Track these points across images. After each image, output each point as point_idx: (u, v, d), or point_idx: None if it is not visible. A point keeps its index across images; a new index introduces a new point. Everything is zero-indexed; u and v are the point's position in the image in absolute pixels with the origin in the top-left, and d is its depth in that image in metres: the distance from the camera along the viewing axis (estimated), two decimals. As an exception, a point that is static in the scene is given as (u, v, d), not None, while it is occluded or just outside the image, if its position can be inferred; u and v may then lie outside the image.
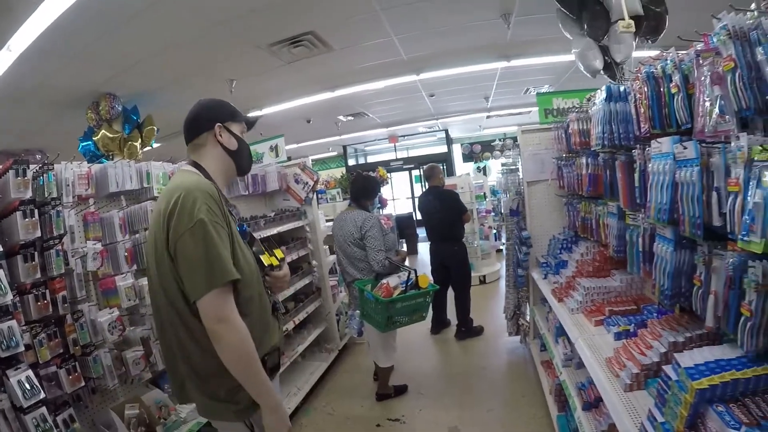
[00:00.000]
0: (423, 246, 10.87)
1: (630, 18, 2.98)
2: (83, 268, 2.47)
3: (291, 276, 2.05)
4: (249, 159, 1.97)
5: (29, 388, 1.97)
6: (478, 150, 15.23)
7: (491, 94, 9.21)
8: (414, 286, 3.41)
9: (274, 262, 1.93)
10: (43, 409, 2.00)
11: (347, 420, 3.97)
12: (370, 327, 3.83)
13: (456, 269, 5.55)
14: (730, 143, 1.33)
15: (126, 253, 2.72)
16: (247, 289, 1.68)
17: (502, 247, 8.39)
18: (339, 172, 14.48)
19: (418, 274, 3.45)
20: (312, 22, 4.72)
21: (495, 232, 9.17)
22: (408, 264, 3.98)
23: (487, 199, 9.24)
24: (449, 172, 14.88)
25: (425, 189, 5.98)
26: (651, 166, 1.78)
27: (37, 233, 2.18)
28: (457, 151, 16.05)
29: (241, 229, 1.82)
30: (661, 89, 1.78)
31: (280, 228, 4.41)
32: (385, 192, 11.28)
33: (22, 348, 2.01)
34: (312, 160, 5.42)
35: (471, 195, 8.23)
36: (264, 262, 1.88)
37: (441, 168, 5.92)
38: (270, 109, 7.75)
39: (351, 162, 16.65)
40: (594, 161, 2.79)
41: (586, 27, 3.49)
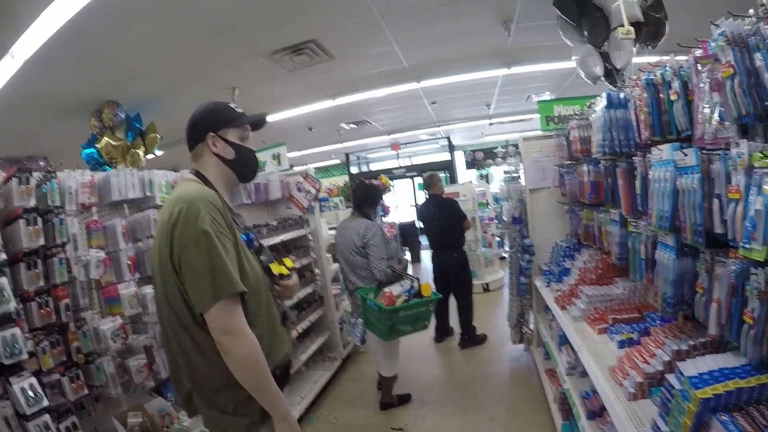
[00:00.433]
0: (426, 253, 10.85)
1: (630, 24, 2.99)
2: (86, 276, 2.49)
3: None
4: (250, 166, 1.89)
5: (32, 395, 1.98)
6: (480, 157, 15.23)
7: (493, 101, 9.21)
8: (417, 294, 3.40)
9: (284, 271, 1.89)
10: (47, 417, 2.02)
11: (350, 429, 3.96)
12: (373, 336, 3.82)
13: (456, 277, 5.54)
14: (730, 150, 1.32)
15: (129, 262, 2.74)
16: (255, 300, 1.65)
17: (505, 255, 8.38)
18: (341, 180, 14.48)
19: (420, 282, 3.44)
20: (313, 30, 4.73)
21: (498, 239, 9.15)
22: (411, 271, 3.99)
23: (490, 207, 9.22)
24: (452, 179, 14.88)
25: (425, 197, 5.99)
26: (652, 173, 1.78)
27: (41, 241, 2.20)
28: (460, 159, 16.05)
29: (247, 238, 1.79)
30: (661, 96, 1.78)
31: (282, 236, 4.41)
32: (388, 200, 11.27)
33: (25, 355, 2.02)
34: (314, 168, 5.44)
35: (474, 203, 8.22)
36: (274, 271, 1.85)
37: (440, 176, 5.93)
38: (272, 117, 7.75)
39: (353, 170, 16.66)
40: (595, 168, 2.78)
41: (586, 34, 3.50)
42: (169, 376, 1.81)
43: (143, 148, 5.98)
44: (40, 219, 2.21)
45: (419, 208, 6.11)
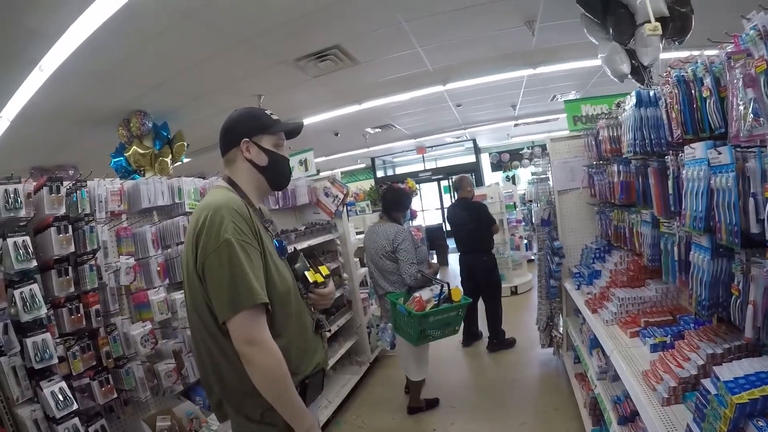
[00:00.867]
0: (453, 257, 10.79)
1: (656, 20, 2.92)
2: (116, 282, 2.54)
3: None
4: (284, 173, 1.86)
5: (62, 399, 2.02)
6: (506, 159, 15.10)
7: (518, 102, 9.14)
8: (447, 299, 3.38)
9: (318, 278, 1.86)
10: (76, 420, 2.05)
11: (378, 433, 3.95)
12: (401, 340, 3.81)
13: (485, 280, 5.50)
14: (766, 147, 1.28)
15: (158, 268, 2.78)
16: (284, 309, 1.63)
17: (533, 258, 8.28)
18: (368, 184, 14.53)
19: (450, 287, 3.42)
20: (337, 36, 4.77)
21: (526, 242, 9.05)
22: (438, 275, 3.96)
23: (518, 209, 9.13)
24: (478, 182, 14.77)
25: (454, 200, 5.96)
26: (685, 172, 1.74)
27: (71, 248, 2.25)
28: (486, 161, 15.93)
29: (279, 246, 1.77)
30: (693, 93, 1.74)
31: (311, 241, 4.45)
32: (414, 203, 11.26)
33: (55, 360, 2.07)
34: (341, 172, 5.46)
35: (501, 205, 8.15)
36: (309, 278, 1.82)
37: (470, 179, 5.88)
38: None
39: (379, 174, 16.69)
40: (626, 168, 2.74)
41: (611, 31, 3.44)
42: (201, 381, 1.83)
43: (171, 156, 6.10)
44: (70, 227, 2.26)
45: (448, 210, 6.08)
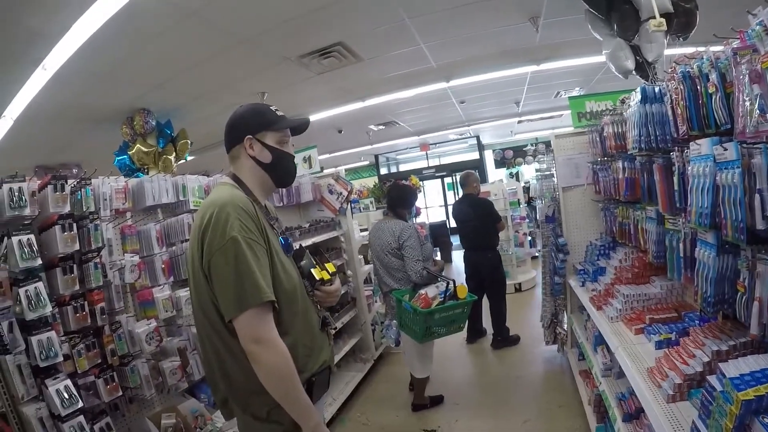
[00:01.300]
0: (457, 254, 10.79)
1: (660, 15, 2.91)
2: (121, 280, 2.54)
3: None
4: (288, 171, 1.85)
5: (67, 397, 2.02)
6: (510, 156, 15.08)
7: (522, 98, 9.12)
8: (452, 296, 3.38)
9: (325, 276, 1.86)
10: (81, 418, 2.06)
11: (382, 430, 3.96)
12: (406, 337, 3.81)
13: (490, 277, 5.50)
14: (772, 143, 1.28)
15: (163, 265, 2.79)
16: (289, 307, 1.63)
17: (537, 254, 8.27)
18: (371, 181, 14.54)
19: (456, 284, 3.42)
20: (340, 33, 4.76)
21: (530, 239, 9.03)
22: (443, 273, 3.96)
23: (521, 206, 9.11)
24: (481, 178, 14.75)
25: (459, 196, 5.95)
26: (690, 168, 1.73)
27: (76, 246, 2.25)
28: (489, 158, 15.92)
29: (285, 243, 1.77)
30: (698, 89, 1.72)
31: (315, 239, 4.45)
32: (418, 200, 11.27)
33: (60, 358, 2.07)
34: (344, 169, 5.46)
35: (505, 202, 8.14)
36: (316, 276, 1.82)
37: (476, 175, 5.87)
38: (301, 120, 7.83)
39: (383, 171, 16.71)
40: (631, 165, 2.73)
41: (615, 27, 3.43)
42: (206, 379, 1.83)
43: (174, 153, 6.12)
44: (75, 225, 2.26)
45: (453, 207, 6.07)
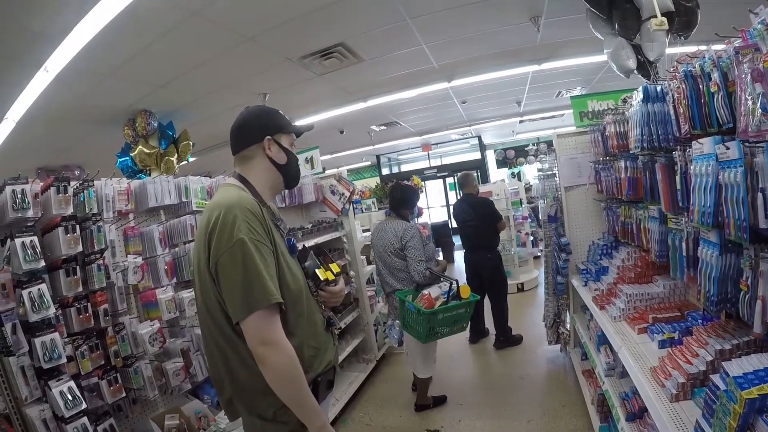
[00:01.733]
0: (459, 254, 10.79)
1: (662, 14, 2.91)
2: (124, 281, 2.55)
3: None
4: (297, 173, 1.91)
5: (71, 398, 2.03)
6: (511, 156, 15.07)
7: (523, 98, 9.12)
8: (455, 296, 3.38)
9: (329, 276, 1.86)
10: (85, 419, 2.06)
11: (385, 431, 3.96)
12: (409, 337, 3.81)
13: (490, 278, 5.49)
14: (774, 142, 1.28)
15: (166, 267, 2.79)
16: (295, 308, 1.63)
17: (539, 254, 8.26)
18: (373, 181, 14.55)
19: (459, 284, 3.42)
20: (342, 33, 4.77)
21: (532, 238, 9.03)
22: (446, 273, 3.96)
23: (524, 206, 9.12)
24: (483, 178, 14.77)
25: (460, 197, 5.95)
26: (693, 167, 1.73)
27: (79, 248, 2.26)
28: (491, 158, 15.91)
29: (289, 244, 1.77)
30: (700, 88, 1.72)
31: (317, 239, 4.46)
32: (420, 201, 11.28)
33: (64, 360, 2.08)
34: (346, 170, 5.46)
35: (507, 202, 8.14)
36: (320, 276, 1.83)
37: (474, 175, 5.86)
38: (303, 121, 7.84)
39: (385, 171, 16.71)
40: (633, 164, 2.73)
41: (617, 26, 3.43)
42: (211, 380, 1.83)
43: (176, 155, 6.12)
44: (78, 227, 2.27)
45: (454, 207, 6.07)
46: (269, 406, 1.59)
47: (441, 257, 9.71)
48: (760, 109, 1.31)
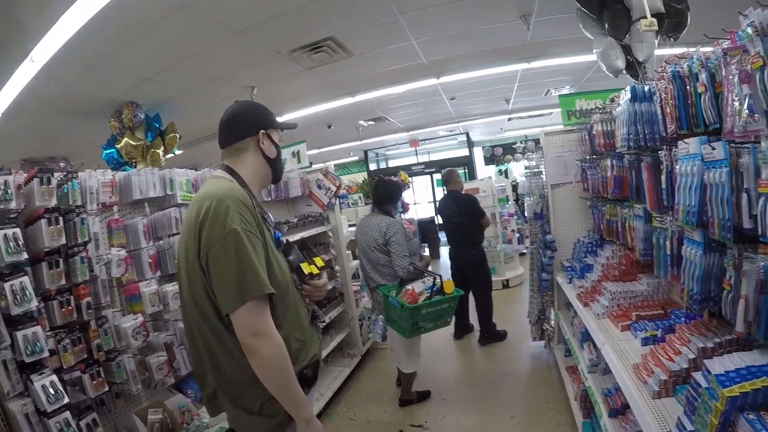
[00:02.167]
0: (445, 250, 10.83)
1: (652, 16, 2.93)
2: (107, 274, 2.51)
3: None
4: (282, 168, 1.96)
5: (53, 392, 2.00)
6: (499, 153, 15.15)
7: (512, 96, 9.15)
8: (439, 291, 3.39)
9: (314, 270, 1.88)
10: (67, 414, 2.03)
11: (369, 425, 3.97)
12: (393, 332, 3.81)
13: (474, 274, 5.52)
14: (760, 143, 1.29)
15: (150, 260, 2.76)
16: (282, 300, 1.63)
17: (525, 251, 8.30)
18: (361, 176, 14.51)
19: (442, 279, 3.43)
20: (331, 28, 4.74)
21: (518, 235, 9.08)
22: (430, 268, 3.97)
23: (510, 203, 9.16)
24: (471, 175, 14.82)
25: (444, 193, 5.96)
26: (678, 167, 1.74)
27: (62, 240, 2.22)
28: (479, 155, 15.97)
29: (276, 237, 1.78)
30: (688, 88, 1.74)
31: (303, 233, 4.44)
32: (407, 196, 11.26)
33: (46, 353, 2.04)
34: (333, 165, 5.44)
35: (493, 198, 8.17)
36: (305, 270, 1.83)
37: (459, 172, 5.87)
38: (291, 115, 7.80)
39: (372, 166, 16.68)
40: (619, 163, 2.75)
41: (607, 26, 3.45)
42: (193, 374, 1.82)
43: (163, 147, 6.06)
44: (61, 219, 2.23)
45: (439, 203, 6.09)
46: (256, 398, 1.58)
47: (427, 253, 9.75)
48: (746, 110, 1.32)
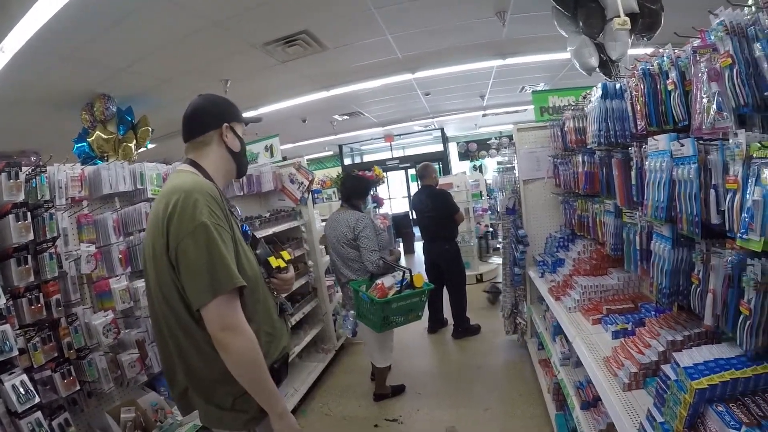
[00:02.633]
0: (419, 245, 10.86)
1: (625, 15, 2.97)
2: (77, 270, 2.45)
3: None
4: (247, 162, 1.93)
5: (24, 392, 1.95)
6: (474, 148, 15.24)
7: (487, 92, 9.20)
8: (409, 285, 3.40)
9: (281, 264, 1.88)
10: (39, 414, 1.99)
11: (344, 420, 3.96)
12: (365, 327, 3.81)
13: (448, 268, 5.55)
14: (728, 140, 1.31)
15: (120, 255, 2.70)
16: (252, 294, 1.62)
17: (498, 246, 8.39)
18: (335, 171, 14.44)
19: (413, 273, 3.44)
20: (306, 21, 4.69)
21: (491, 230, 9.16)
22: (404, 263, 3.98)
23: (484, 198, 9.22)
24: (445, 170, 14.87)
25: (419, 188, 5.98)
26: (648, 163, 1.77)
27: (30, 236, 2.16)
28: (453, 150, 16.04)
29: (244, 231, 1.77)
30: (658, 86, 1.77)
31: (275, 228, 4.39)
32: (382, 191, 11.26)
33: (16, 352, 1.99)
34: (308, 159, 5.40)
35: (467, 194, 8.22)
36: (272, 264, 1.84)
37: (435, 167, 5.88)
38: (265, 109, 7.72)
39: (347, 161, 16.62)
40: (590, 159, 2.78)
41: (581, 24, 3.49)
42: (163, 372, 1.78)
43: (135, 141, 5.94)
44: (29, 214, 2.17)
45: (413, 198, 6.10)
46: (227, 394, 1.57)
47: (402, 248, 9.77)
48: (715, 107, 1.35)
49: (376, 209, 8.60)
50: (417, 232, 8.56)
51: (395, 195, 16.74)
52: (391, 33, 5.28)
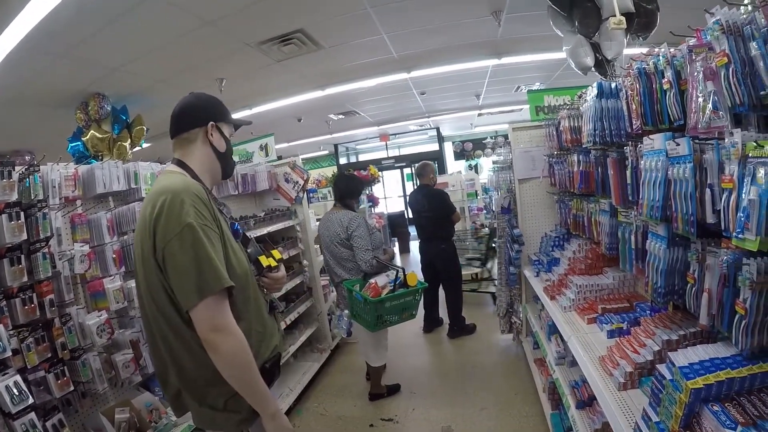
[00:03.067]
0: (415, 244, 10.86)
1: (621, 15, 2.98)
2: (71, 270, 2.44)
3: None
4: (233, 164, 1.92)
5: (17, 393, 1.94)
6: (469, 148, 15.26)
7: (482, 91, 9.20)
8: (402, 284, 3.39)
9: (272, 263, 1.87)
10: (32, 415, 1.97)
11: (340, 420, 3.95)
12: (360, 327, 3.80)
13: (444, 268, 5.54)
14: (723, 140, 1.31)
15: (114, 255, 2.68)
16: (242, 293, 1.61)
17: (494, 245, 8.39)
18: (330, 170, 14.44)
19: (407, 272, 3.44)
20: (301, 20, 4.67)
21: (487, 229, 9.15)
22: (400, 262, 3.98)
23: (479, 197, 9.22)
24: (441, 170, 14.89)
25: (416, 187, 5.97)
26: (643, 163, 1.77)
27: (24, 236, 2.15)
28: (449, 149, 16.06)
29: (233, 228, 1.76)
30: (653, 85, 1.77)
31: (270, 228, 4.37)
32: (377, 190, 11.24)
33: (9, 353, 1.98)
34: (303, 159, 5.39)
35: (463, 193, 8.21)
36: (262, 263, 1.83)
37: (433, 166, 5.86)
38: (260, 108, 7.70)
39: (342, 161, 16.62)
40: (585, 158, 2.78)
41: (577, 24, 3.49)
42: (156, 374, 1.77)
43: (129, 140, 5.92)
44: (22, 213, 2.15)
45: (409, 197, 6.10)
46: (219, 395, 1.57)
47: (397, 248, 9.76)
48: (710, 107, 1.35)
49: (371, 208, 8.60)
50: (413, 231, 8.56)
51: (391, 194, 16.75)
52: (387, 32, 5.27)
